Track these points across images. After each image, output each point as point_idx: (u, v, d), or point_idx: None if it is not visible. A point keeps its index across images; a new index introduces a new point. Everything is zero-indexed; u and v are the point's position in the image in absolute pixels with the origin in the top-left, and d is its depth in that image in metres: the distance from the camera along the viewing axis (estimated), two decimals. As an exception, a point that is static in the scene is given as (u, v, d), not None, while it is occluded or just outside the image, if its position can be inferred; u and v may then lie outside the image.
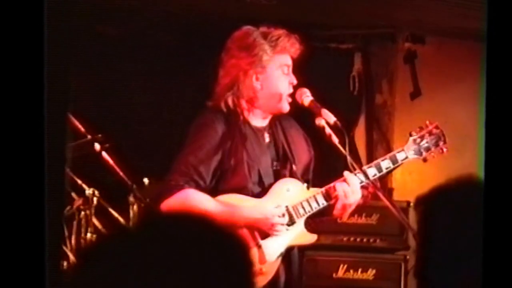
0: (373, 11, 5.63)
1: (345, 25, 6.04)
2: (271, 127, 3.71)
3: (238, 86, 3.60)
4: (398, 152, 3.78)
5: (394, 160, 3.74)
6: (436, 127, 3.84)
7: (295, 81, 3.67)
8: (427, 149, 3.80)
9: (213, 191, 3.53)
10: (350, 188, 3.60)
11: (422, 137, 3.81)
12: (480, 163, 2.39)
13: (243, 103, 3.62)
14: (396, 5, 5.42)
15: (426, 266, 2.03)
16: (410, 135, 3.82)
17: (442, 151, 3.82)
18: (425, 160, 3.82)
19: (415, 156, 3.79)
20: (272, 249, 3.56)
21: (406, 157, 3.78)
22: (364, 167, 3.67)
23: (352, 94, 6.16)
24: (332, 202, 3.64)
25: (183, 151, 3.57)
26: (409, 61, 6.00)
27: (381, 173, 3.70)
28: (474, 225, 2.00)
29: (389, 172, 3.76)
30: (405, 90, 6.12)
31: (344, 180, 3.64)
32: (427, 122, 3.85)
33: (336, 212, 3.67)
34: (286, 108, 3.66)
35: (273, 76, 3.62)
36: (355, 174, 3.64)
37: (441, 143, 3.82)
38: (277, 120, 3.72)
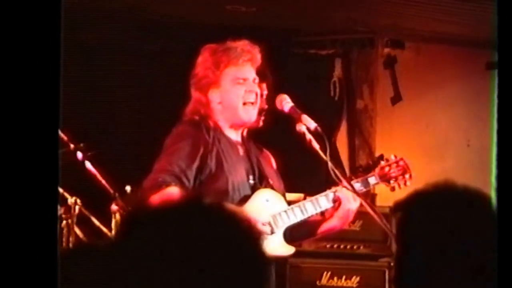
0: (352, 17, 5.66)
1: (324, 31, 6.06)
2: (244, 143, 3.72)
3: (196, 106, 3.66)
4: (370, 177, 3.81)
5: (366, 184, 3.79)
6: (402, 160, 3.89)
7: (256, 89, 3.66)
8: (395, 179, 3.85)
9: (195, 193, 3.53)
10: (351, 195, 3.63)
11: (390, 167, 3.85)
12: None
13: (214, 116, 3.65)
14: (375, 11, 5.45)
15: (404, 274, 2.01)
16: (379, 162, 3.86)
17: (406, 184, 3.86)
18: (392, 189, 3.87)
19: (384, 182, 3.83)
20: None
21: (377, 182, 3.84)
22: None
23: (333, 99, 6.18)
24: (329, 208, 3.64)
25: (165, 153, 3.59)
26: (389, 66, 6.04)
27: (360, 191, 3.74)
28: (453, 231, 1.98)
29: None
30: (386, 95, 6.16)
31: (344, 186, 3.65)
32: (392, 156, 3.89)
33: (336, 220, 3.68)
34: (252, 117, 3.66)
35: (228, 91, 3.64)
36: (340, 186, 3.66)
37: (406, 176, 3.86)
38: (246, 138, 3.75)
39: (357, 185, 3.75)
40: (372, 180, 3.81)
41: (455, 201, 2.03)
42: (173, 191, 3.47)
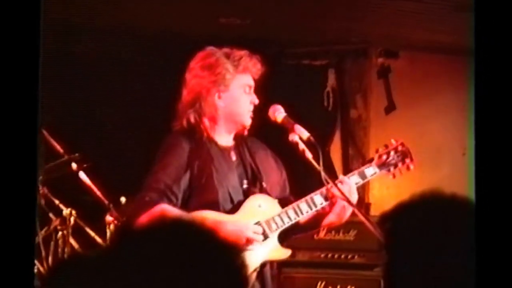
0: (345, 27, 5.68)
1: (318, 42, 6.08)
2: (237, 146, 3.73)
3: (200, 103, 3.63)
4: (367, 168, 3.79)
5: (362, 175, 3.76)
6: (402, 145, 3.86)
7: (256, 101, 3.70)
8: (395, 166, 3.82)
9: (184, 208, 3.53)
10: (348, 189, 3.62)
11: (388, 154, 3.83)
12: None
13: (206, 121, 3.65)
14: (368, 21, 5.46)
15: (394, 285, 2.00)
16: (377, 151, 3.84)
17: (409, 168, 3.83)
18: (394, 176, 3.84)
19: (383, 171, 3.80)
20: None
21: (375, 173, 3.78)
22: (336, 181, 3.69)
23: (327, 109, 6.20)
24: (325, 206, 3.63)
25: (153, 169, 3.60)
26: (383, 76, 6.06)
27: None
28: (441, 240, 1.97)
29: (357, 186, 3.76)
30: (380, 105, 6.17)
31: (340, 182, 3.64)
32: (392, 140, 3.86)
33: (333, 217, 3.67)
34: (247, 123, 3.69)
35: (235, 95, 3.65)
36: (338, 188, 3.65)
37: (407, 160, 3.83)
38: (243, 140, 3.75)
39: (354, 178, 3.73)
40: (369, 171, 3.78)
41: (442, 210, 2.02)
42: (161, 209, 3.48)
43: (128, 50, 5.45)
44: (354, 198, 3.66)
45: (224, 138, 3.70)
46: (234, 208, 3.61)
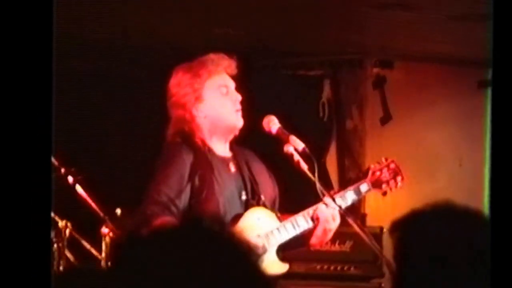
0: (340, 38, 5.68)
1: (313, 52, 6.08)
2: (235, 157, 3.71)
3: (180, 124, 3.63)
4: (361, 184, 3.79)
5: (358, 192, 3.77)
6: (392, 162, 3.88)
7: (239, 97, 3.67)
8: (387, 183, 3.83)
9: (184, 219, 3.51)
10: (331, 213, 3.61)
11: (381, 171, 3.84)
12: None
13: (199, 133, 3.63)
14: (363, 32, 5.47)
15: None
16: (369, 168, 3.85)
17: (396, 187, 3.85)
18: (384, 194, 3.86)
19: (376, 189, 3.81)
20: None
21: (369, 189, 3.81)
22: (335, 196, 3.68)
23: (322, 120, 6.19)
24: (311, 227, 3.63)
25: (154, 182, 3.57)
26: (378, 86, 6.07)
27: (347, 205, 3.71)
28: (452, 251, 1.96)
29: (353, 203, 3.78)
30: (375, 115, 6.18)
31: (324, 204, 3.63)
32: (383, 159, 3.88)
33: (315, 239, 3.66)
34: (239, 123, 3.66)
35: (211, 102, 3.63)
36: (333, 200, 3.64)
37: (398, 178, 3.85)
38: (240, 152, 3.73)
39: (350, 194, 3.73)
40: (364, 187, 3.79)
41: (455, 221, 2.01)
42: (164, 222, 3.46)
43: (122, 63, 5.46)
44: (336, 223, 3.63)
45: (221, 148, 3.68)
46: (234, 220, 3.59)
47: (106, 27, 5.04)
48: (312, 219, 3.64)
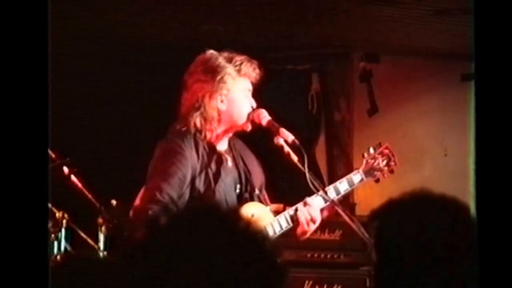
0: (327, 32, 5.73)
1: (301, 47, 6.12)
2: (231, 150, 3.77)
3: (205, 107, 3.66)
4: (354, 175, 3.86)
5: (350, 183, 3.83)
6: (387, 148, 3.94)
7: (254, 104, 3.76)
8: (380, 170, 3.89)
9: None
10: (311, 214, 3.67)
11: (374, 159, 3.90)
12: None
13: (209, 124, 3.67)
14: (349, 26, 5.52)
15: (384, 283, 2.03)
16: (363, 156, 3.91)
17: (392, 171, 3.92)
18: (377, 180, 3.92)
19: (369, 177, 3.87)
20: None
21: (362, 179, 3.87)
22: (326, 189, 3.75)
23: (311, 112, 6.25)
24: (294, 225, 3.70)
25: (155, 178, 3.59)
26: (365, 79, 6.10)
27: (339, 195, 3.78)
28: (430, 238, 2.01)
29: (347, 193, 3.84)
30: (363, 107, 6.21)
31: (305, 204, 3.69)
32: (376, 146, 3.94)
33: (297, 233, 3.75)
34: (247, 127, 3.75)
35: (237, 98, 3.71)
36: (317, 195, 3.70)
37: (392, 164, 3.92)
38: (233, 143, 3.79)
39: (343, 186, 3.81)
40: (357, 177, 3.86)
41: (432, 209, 2.06)
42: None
43: (115, 58, 5.46)
44: (317, 223, 3.72)
45: (221, 143, 3.75)
46: None
47: (100, 21, 5.08)
48: (292, 219, 3.72)
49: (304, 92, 6.28)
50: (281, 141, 3.76)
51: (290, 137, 3.76)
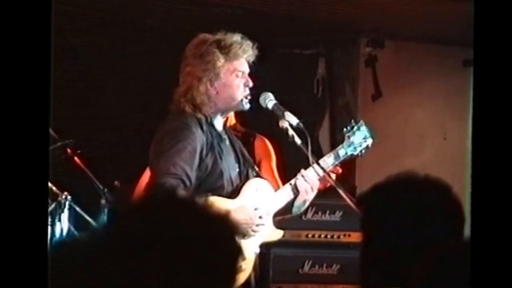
0: (335, 18, 5.79)
1: (308, 32, 6.17)
2: (227, 131, 3.83)
3: (192, 93, 3.67)
4: (340, 149, 3.91)
5: (337, 156, 3.89)
6: (362, 125, 4.00)
7: (251, 83, 3.74)
8: (359, 145, 3.93)
9: (195, 192, 3.57)
10: (310, 185, 3.78)
11: (353, 134, 3.96)
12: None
13: (202, 108, 3.68)
14: (356, 12, 5.58)
15: (371, 264, 2.09)
16: (343, 132, 3.97)
17: (367, 147, 3.97)
18: (360, 154, 3.95)
19: (352, 152, 3.91)
20: (250, 247, 3.71)
21: (346, 153, 3.90)
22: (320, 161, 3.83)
23: (316, 96, 6.33)
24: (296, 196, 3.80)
25: (165, 153, 3.60)
26: (370, 65, 6.17)
27: (328, 167, 3.83)
28: (416, 220, 2.04)
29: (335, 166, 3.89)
30: (367, 92, 6.29)
31: (302, 176, 3.78)
32: (353, 121, 4.00)
33: (296, 209, 3.83)
34: (246, 107, 3.75)
35: (227, 82, 3.69)
36: (312, 167, 3.79)
37: (368, 140, 3.96)
38: (229, 126, 3.87)
39: (330, 160, 3.83)
40: (341, 151, 3.88)
41: (416, 191, 2.08)
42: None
43: (120, 40, 5.47)
44: (315, 192, 3.77)
45: (218, 123, 3.76)
46: (234, 192, 3.70)
47: (104, 2, 5.12)
48: (293, 191, 3.79)
49: (310, 76, 6.34)
50: (286, 124, 3.80)
51: (295, 121, 3.81)
